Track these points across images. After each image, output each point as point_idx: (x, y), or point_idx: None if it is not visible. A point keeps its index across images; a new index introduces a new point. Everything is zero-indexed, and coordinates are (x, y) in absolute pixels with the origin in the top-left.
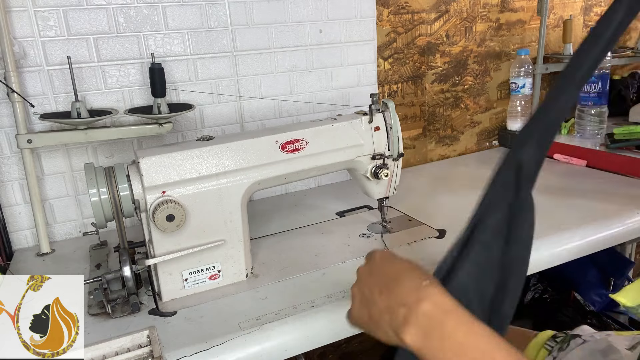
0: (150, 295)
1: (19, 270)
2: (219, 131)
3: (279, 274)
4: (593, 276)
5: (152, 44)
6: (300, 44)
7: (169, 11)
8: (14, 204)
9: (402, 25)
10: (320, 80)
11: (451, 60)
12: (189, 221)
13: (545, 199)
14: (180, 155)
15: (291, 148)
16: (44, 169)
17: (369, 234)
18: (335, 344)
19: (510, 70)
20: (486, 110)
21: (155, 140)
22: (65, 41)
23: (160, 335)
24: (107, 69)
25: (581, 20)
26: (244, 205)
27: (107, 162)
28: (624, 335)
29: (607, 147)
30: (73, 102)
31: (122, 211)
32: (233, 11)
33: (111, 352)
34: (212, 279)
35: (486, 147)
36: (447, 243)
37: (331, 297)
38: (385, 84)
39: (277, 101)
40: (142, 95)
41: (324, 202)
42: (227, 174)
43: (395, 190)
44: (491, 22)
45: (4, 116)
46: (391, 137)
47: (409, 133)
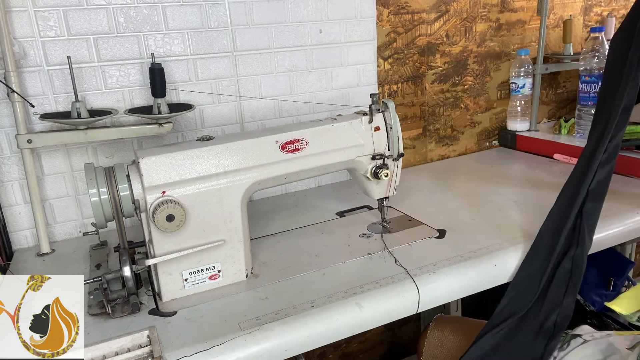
0: (150, 295)
1: (19, 270)
2: (219, 131)
3: (279, 274)
4: (593, 276)
5: (152, 44)
6: (300, 44)
7: (169, 11)
8: (14, 204)
9: (402, 25)
10: (320, 80)
11: (451, 60)
12: (189, 221)
13: (545, 199)
14: (180, 155)
15: (291, 148)
16: (44, 169)
17: (369, 234)
18: (335, 344)
19: (510, 70)
20: (486, 110)
21: (155, 140)
22: (65, 41)
23: (160, 335)
24: (107, 69)
25: (581, 20)
26: (244, 205)
27: (107, 162)
28: (624, 335)
29: None
30: (73, 102)
31: (122, 211)
32: (233, 11)
33: (111, 352)
34: (212, 279)
35: (486, 147)
36: (447, 243)
37: (331, 297)
38: (385, 84)
39: (277, 101)
40: (142, 95)
41: (324, 202)
42: (227, 174)
43: (395, 190)
44: (491, 22)
45: (4, 116)
46: (391, 137)
47: (409, 133)
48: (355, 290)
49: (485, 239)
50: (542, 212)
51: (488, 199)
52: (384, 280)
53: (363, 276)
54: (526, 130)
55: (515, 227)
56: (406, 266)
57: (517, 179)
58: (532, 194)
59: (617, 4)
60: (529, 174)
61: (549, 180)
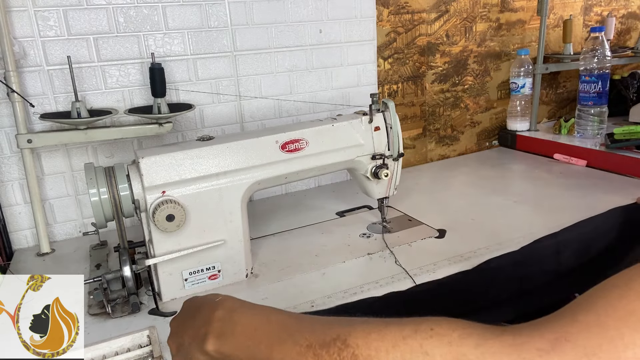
0: (150, 295)
1: (19, 270)
2: (219, 131)
3: (279, 274)
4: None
5: (152, 44)
6: (300, 44)
7: (169, 11)
8: (14, 204)
9: (402, 25)
10: (320, 80)
11: (451, 60)
12: (189, 221)
13: (545, 199)
14: (180, 155)
15: (291, 148)
16: (44, 169)
17: (369, 234)
18: None
19: (510, 70)
20: (486, 110)
21: (155, 140)
22: (65, 41)
23: (160, 335)
24: (107, 69)
25: (581, 20)
26: (244, 205)
27: (107, 162)
28: None
29: (607, 147)
30: (73, 102)
31: (122, 211)
32: (233, 11)
33: (111, 352)
34: (212, 279)
35: (486, 147)
36: (447, 243)
37: (331, 297)
38: (385, 84)
39: (277, 101)
40: (142, 95)
41: (324, 202)
42: (227, 174)
43: (395, 190)
44: (491, 22)
45: (4, 116)
46: (391, 137)
47: (409, 133)
48: (355, 290)
49: (485, 239)
50: (541, 212)
51: (488, 199)
52: (384, 280)
53: (363, 276)
54: (526, 130)
55: (515, 227)
56: (406, 266)
57: (517, 179)
58: (532, 194)
59: (617, 4)
60: (529, 174)
61: (549, 180)
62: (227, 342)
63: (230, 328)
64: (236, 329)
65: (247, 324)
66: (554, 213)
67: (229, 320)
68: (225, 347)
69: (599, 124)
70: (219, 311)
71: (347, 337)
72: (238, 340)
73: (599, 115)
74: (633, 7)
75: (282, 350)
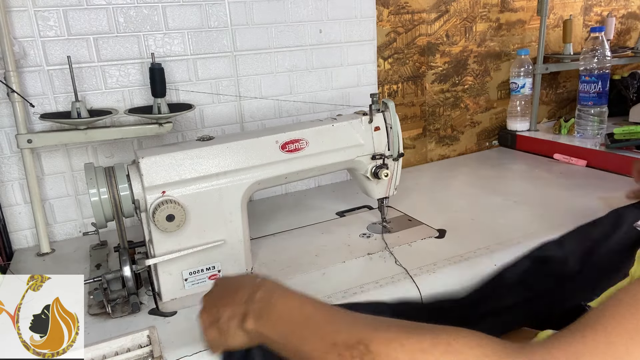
0: (150, 295)
1: (19, 270)
2: (219, 131)
3: (279, 274)
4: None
5: (152, 44)
6: (300, 44)
7: (169, 11)
8: (14, 204)
9: (402, 25)
10: (320, 80)
11: (451, 60)
12: (189, 221)
13: (545, 199)
14: (180, 155)
15: (291, 148)
16: (44, 169)
17: (369, 234)
18: None
19: (510, 70)
20: (486, 110)
21: (155, 140)
22: (65, 41)
23: (160, 335)
24: (107, 69)
25: (581, 20)
26: (244, 205)
27: (107, 162)
28: None
29: (607, 147)
30: (73, 102)
31: (122, 211)
32: (233, 11)
33: (111, 352)
34: (212, 279)
35: (486, 147)
36: (447, 243)
37: (331, 297)
38: (385, 84)
39: (277, 101)
40: (142, 95)
41: (324, 202)
42: (227, 174)
43: (395, 190)
44: (491, 22)
45: (4, 116)
46: (391, 137)
47: (409, 133)
48: (355, 290)
49: (485, 239)
50: (542, 212)
51: (488, 199)
52: (384, 280)
53: (363, 276)
54: (526, 130)
55: (515, 227)
56: (406, 266)
57: (517, 179)
58: (532, 194)
59: (617, 4)
60: (529, 174)
61: (549, 180)
62: (265, 323)
63: (268, 311)
64: (273, 312)
65: (282, 310)
66: (554, 213)
67: (267, 303)
68: (263, 328)
69: (599, 124)
70: (260, 292)
71: (369, 343)
72: (274, 324)
73: (599, 115)
74: (633, 7)
75: (310, 344)
